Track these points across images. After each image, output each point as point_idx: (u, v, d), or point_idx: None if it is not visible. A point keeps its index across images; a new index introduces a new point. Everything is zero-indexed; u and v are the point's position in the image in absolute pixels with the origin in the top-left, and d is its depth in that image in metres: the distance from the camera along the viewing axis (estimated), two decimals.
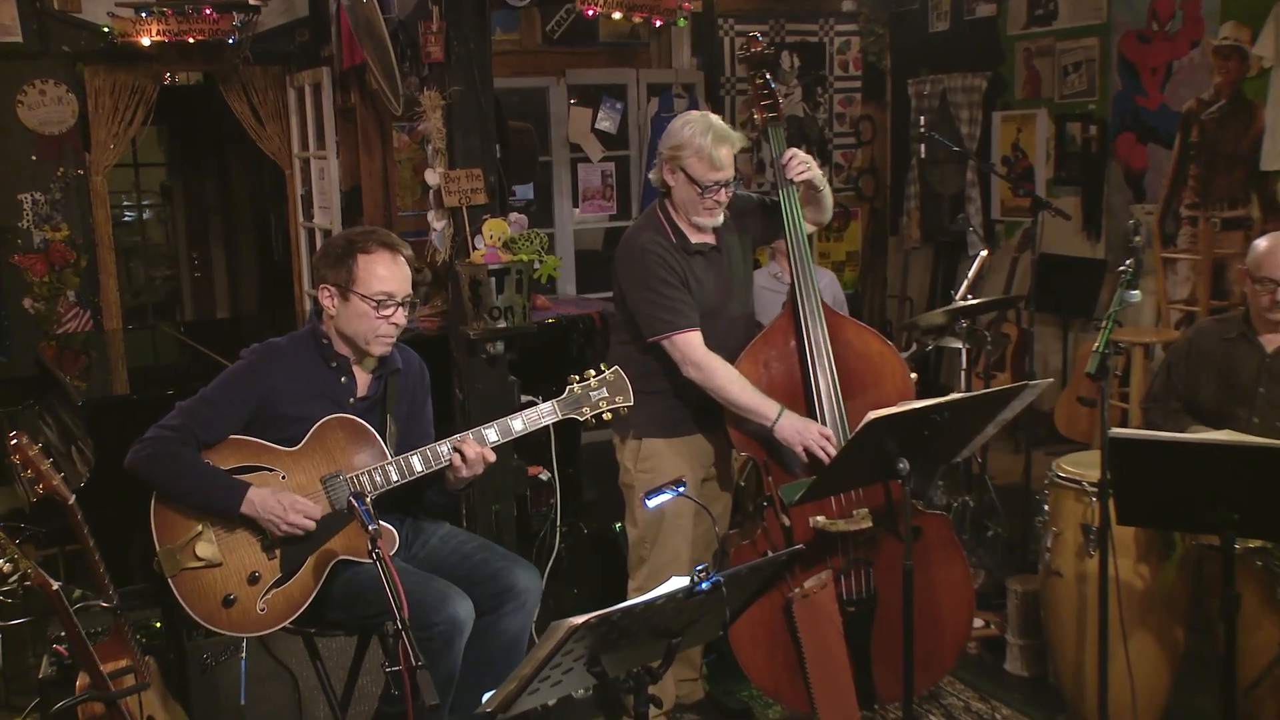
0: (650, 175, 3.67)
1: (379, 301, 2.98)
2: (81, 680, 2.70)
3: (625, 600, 3.52)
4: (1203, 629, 3.72)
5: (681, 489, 2.55)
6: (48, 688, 3.31)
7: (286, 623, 2.89)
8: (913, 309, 8.20)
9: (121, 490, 3.72)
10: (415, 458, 2.94)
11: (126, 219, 9.83)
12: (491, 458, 2.99)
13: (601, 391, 3.07)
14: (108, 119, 6.02)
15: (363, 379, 3.13)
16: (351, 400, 3.08)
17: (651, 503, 2.58)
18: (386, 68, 4.95)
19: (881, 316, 8.44)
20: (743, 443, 3.46)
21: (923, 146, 5.53)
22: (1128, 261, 3.53)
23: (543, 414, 3.02)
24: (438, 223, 4.51)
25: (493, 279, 4.24)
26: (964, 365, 5.17)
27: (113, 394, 4.23)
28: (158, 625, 3.50)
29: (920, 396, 4.98)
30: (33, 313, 6.06)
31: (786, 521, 3.37)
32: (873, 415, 2.84)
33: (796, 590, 3.35)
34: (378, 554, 2.36)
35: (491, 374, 4.48)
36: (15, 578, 2.60)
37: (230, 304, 9.51)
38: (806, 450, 3.31)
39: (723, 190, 3.47)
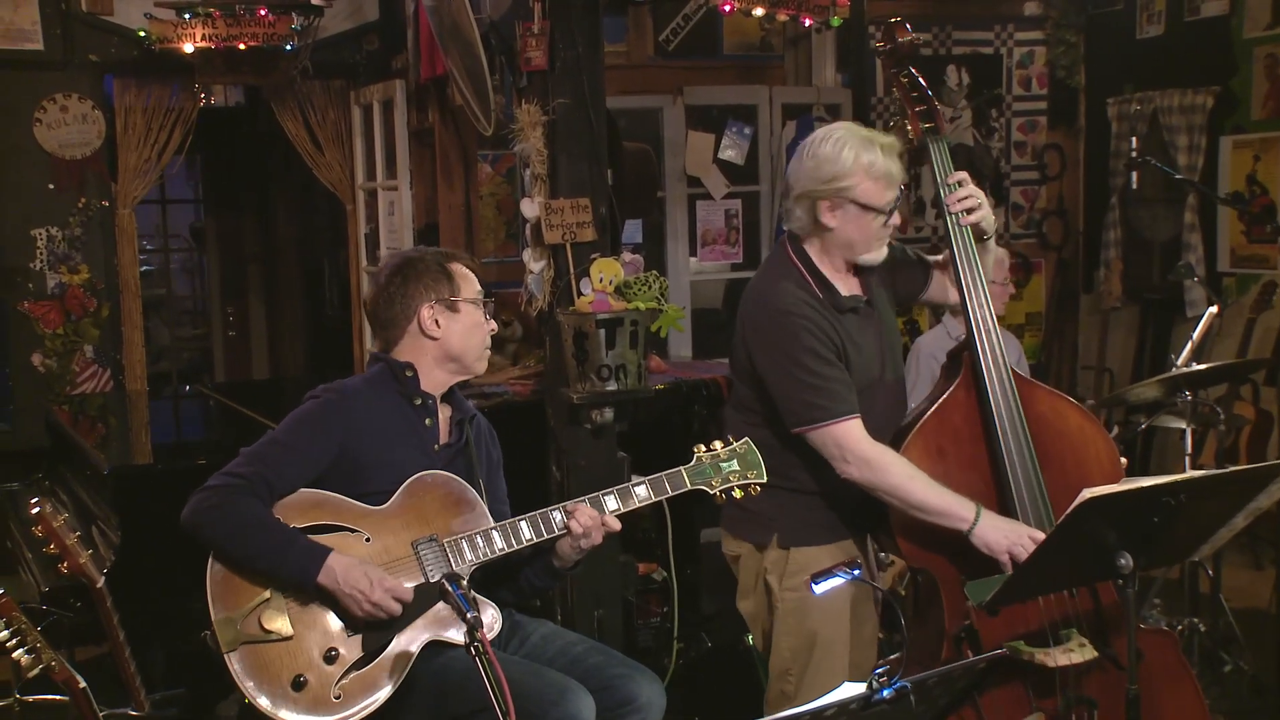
0: (791, 225, 3.57)
1: (485, 304, 3.26)
2: None
3: None
4: None
5: (857, 571, 2.52)
6: None
7: (367, 712, 2.91)
8: (1114, 383, 8.06)
9: (149, 580, 3.86)
10: (524, 523, 3.02)
11: (147, 267, 10.17)
12: (615, 526, 3.07)
13: (732, 464, 3.13)
14: (138, 142, 6.25)
15: (444, 424, 3.25)
16: (436, 447, 3.19)
17: (820, 587, 2.56)
18: (476, 79, 5.08)
19: (1072, 393, 8.31)
20: (916, 554, 3.37)
21: (1135, 175, 5.46)
22: None
23: (671, 481, 3.08)
24: (535, 264, 4.58)
25: (601, 331, 4.29)
26: (1188, 450, 5.07)
27: (146, 463, 4.33)
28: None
29: None
30: (43, 371, 6.25)
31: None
32: (1089, 494, 2.77)
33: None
34: (478, 647, 2.37)
35: (597, 447, 4.51)
36: (36, 670, 2.67)
37: (271, 368, 9.73)
38: (1013, 559, 3.25)
39: (896, 211, 3.43)
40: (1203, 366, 4.90)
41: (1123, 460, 4.80)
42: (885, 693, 2.05)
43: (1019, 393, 3.44)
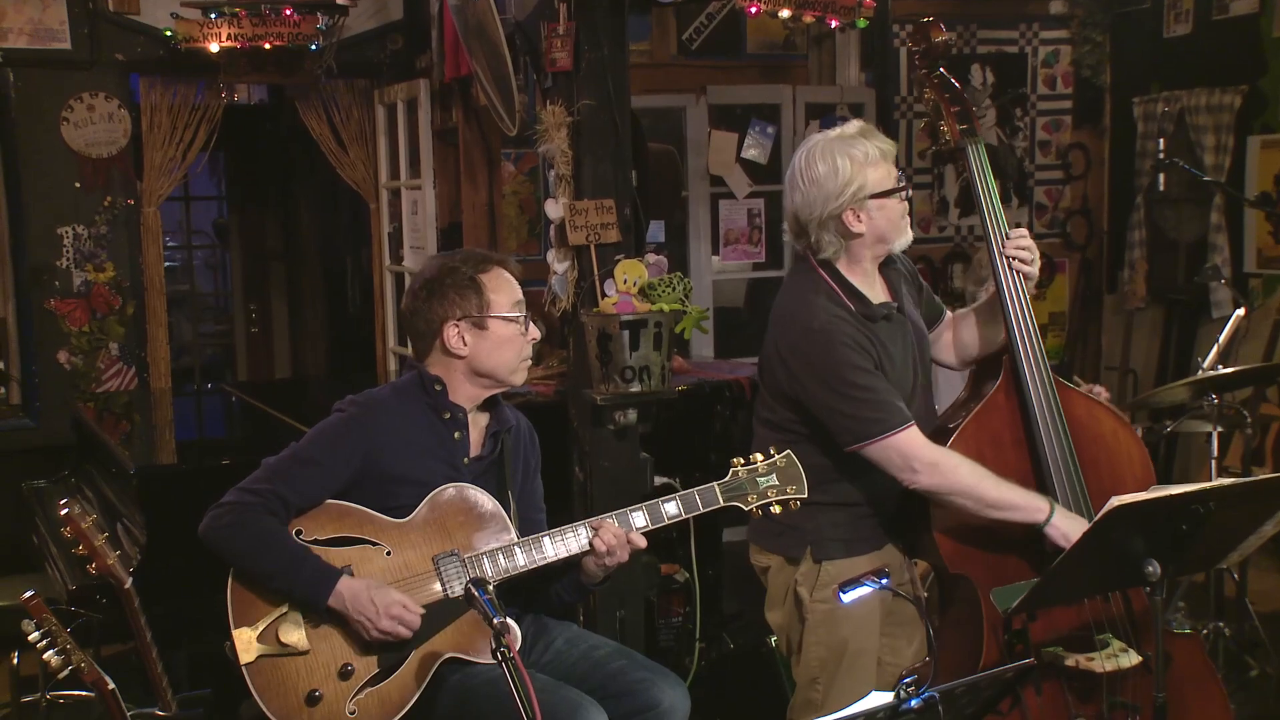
0: (826, 254, 3.49)
1: (519, 318, 3.18)
2: None
3: None
4: None
5: (885, 581, 2.51)
6: None
7: None
8: (1137, 384, 8.03)
9: (175, 578, 3.87)
10: (547, 540, 3.00)
11: (170, 263, 10.20)
12: (642, 543, 3.03)
13: (771, 478, 3.08)
14: (164, 141, 6.28)
15: (476, 437, 3.21)
16: (465, 460, 3.16)
17: (848, 596, 2.55)
18: (500, 79, 5.08)
19: None
20: (958, 560, 3.36)
21: (1161, 177, 5.44)
22: None
23: (703, 498, 3.04)
24: (559, 264, 4.58)
25: (625, 333, 4.28)
26: (1214, 454, 5.04)
27: (171, 463, 4.35)
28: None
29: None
30: (69, 368, 6.28)
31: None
32: (1117, 501, 2.77)
33: None
34: (504, 652, 2.37)
35: (620, 449, 4.51)
36: (66, 672, 2.69)
37: (292, 367, 9.75)
38: None
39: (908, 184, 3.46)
40: (1229, 370, 4.86)
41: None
42: (913, 702, 2.05)
43: (1059, 396, 3.44)
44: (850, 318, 3.38)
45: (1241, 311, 5.38)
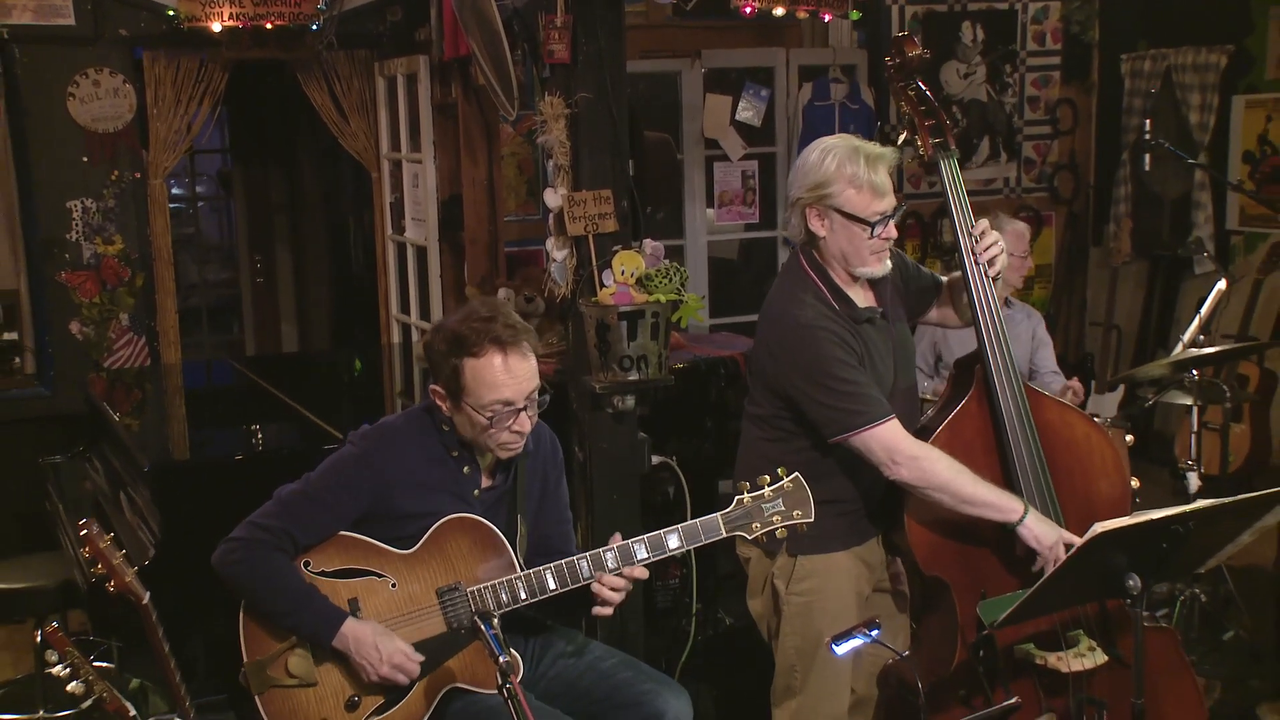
0: (789, 233, 3.58)
1: (492, 417, 3.01)
2: None
3: (773, 715, 3.59)
4: None
5: (876, 632, 2.55)
6: None
7: None
8: (1121, 340, 8.05)
9: (189, 570, 3.88)
10: (549, 575, 2.99)
11: (175, 205, 10.14)
12: (643, 574, 3.03)
13: (777, 504, 3.07)
14: (168, 112, 6.23)
15: (488, 467, 3.20)
16: (476, 493, 3.15)
17: (841, 649, 2.59)
18: (498, 62, 5.03)
19: (1080, 348, 8.31)
20: (932, 556, 3.41)
21: (1147, 157, 5.41)
22: None
23: (704, 529, 3.04)
24: (558, 252, 4.57)
25: (623, 323, 4.29)
26: (1194, 427, 5.08)
27: (185, 459, 4.36)
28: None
29: (1138, 454, 4.96)
30: (80, 339, 6.29)
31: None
32: (1100, 528, 2.80)
33: None
34: (509, 690, 2.41)
35: (618, 431, 4.53)
36: (89, 702, 2.72)
37: (297, 318, 9.74)
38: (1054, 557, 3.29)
39: (890, 224, 3.40)
40: (1209, 350, 4.90)
41: (1129, 438, 4.89)
42: None
43: (1029, 404, 3.46)
44: (836, 317, 3.42)
45: (1223, 284, 5.38)
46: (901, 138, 3.71)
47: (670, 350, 4.97)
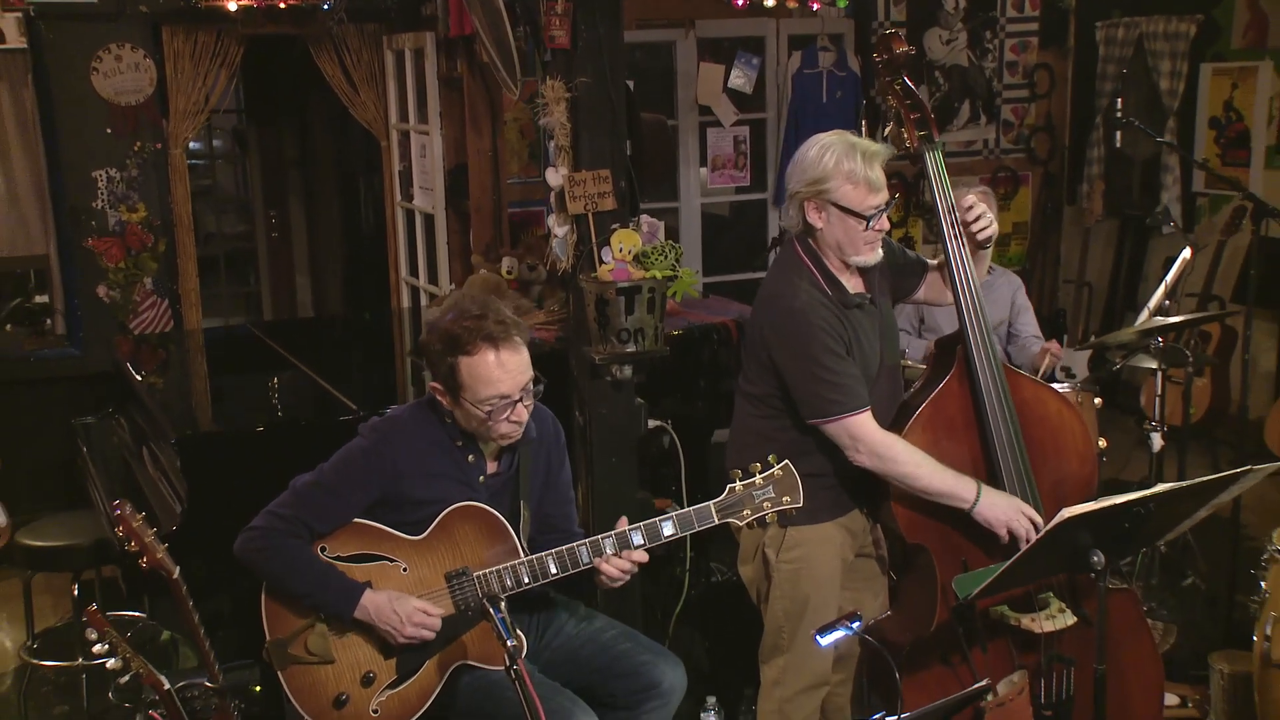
0: (782, 221, 3.64)
1: (490, 411, 3.03)
2: None
3: (761, 670, 3.67)
4: None
5: (857, 625, 2.61)
6: None
7: None
8: (1092, 296, 8.08)
9: (216, 533, 3.93)
10: (551, 560, 3.03)
11: (192, 163, 10.11)
12: (643, 558, 3.08)
13: (768, 490, 3.09)
14: (187, 85, 6.21)
15: (492, 454, 3.23)
16: (481, 479, 3.18)
17: (824, 640, 2.65)
18: (501, 42, 5.01)
19: (1053, 304, 8.34)
20: (914, 526, 3.47)
21: (1119, 135, 5.40)
22: None
23: (698, 517, 3.08)
24: (559, 229, 4.58)
25: (621, 298, 4.30)
26: (1158, 390, 5.11)
27: (209, 430, 4.40)
28: (257, 689, 3.69)
29: (1107, 403, 5.00)
30: (107, 302, 6.32)
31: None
32: (1067, 513, 2.85)
33: (990, 697, 3.38)
34: (516, 672, 2.47)
35: (617, 398, 4.56)
36: (127, 678, 2.78)
37: (311, 271, 9.75)
38: (1010, 532, 3.35)
39: (884, 216, 3.43)
40: (1173, 320, 4.93)
41: (1098, 401, 4.94)
42: None
43: (1007, 383, 3.50)
44: (828, 302, 3.46)
45: (1188, 253, 5.40)
46: (888, 129, 3.72)
47: (668, 316, 5.02)
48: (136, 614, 5.04)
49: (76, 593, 4.68)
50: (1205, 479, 3.04)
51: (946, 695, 3.47)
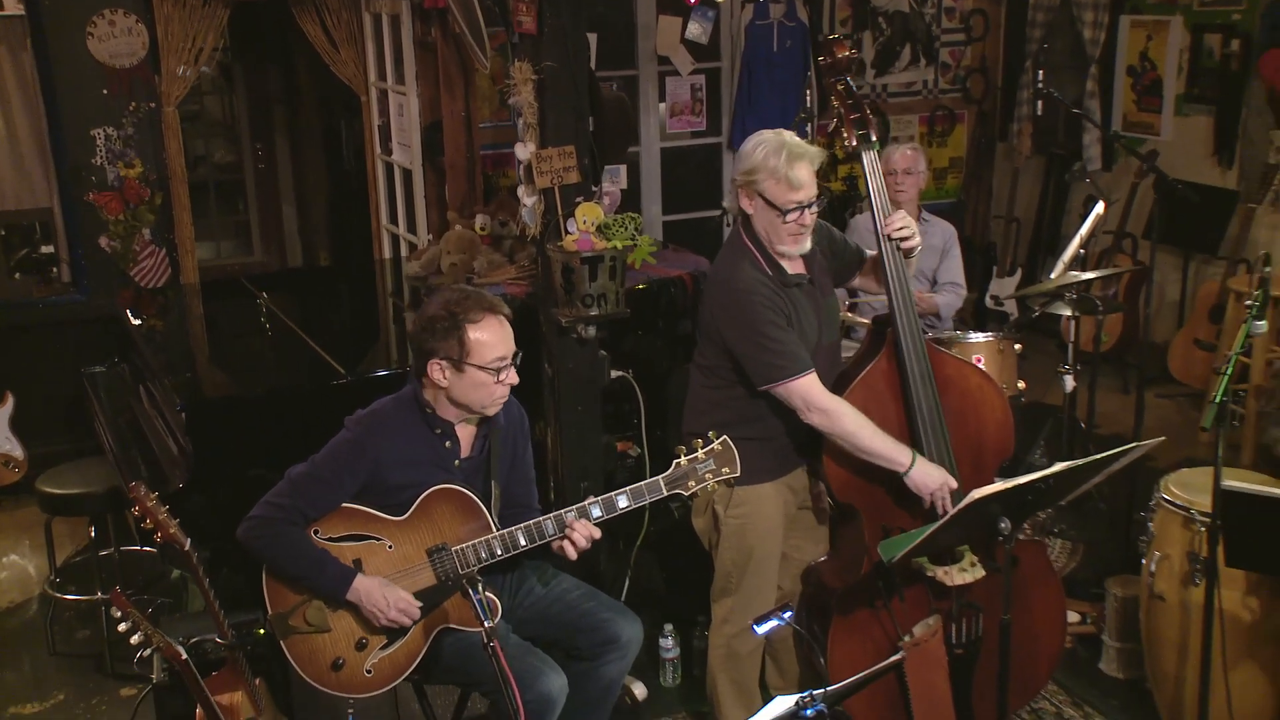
0: (725, 202, 3.75)
1: (497, 370, 3.18)
2: None
3: (712, 609, 3.85)
4: None
5: (788, 615, 2.77)
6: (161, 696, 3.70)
7: (393, 685, 3.21)
8: (1020, 230, 8.21)
9: (222, 489, 4.05)
10: (520, 533, 3.17)
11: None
12: (597, 534, 3.20)
13: (709, 464, 3.23)
14: (178, 47, 6.17)
15: (466, 439, 3.34)
16: (457, 463, 3.30)
17: (761, 629, 2.81)
18: (470, 21, 5.04)
19: (985, 236, 8.46)
20: (844, 488, 3.64)
21: (1040, 104, 5.49)
22: (1255, 292, 3.62)
23: (649, 490, 3.22)
24: (528, 199, 4.65)
25: (585, 267, 4.40)
26: (1071, 336, 5.26)
27: (215, 396, 4.48)
28: (261, 632, 3.84)
29: (1030, 329, 5.10)
30: (109, 251, 6.35)
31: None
32: (977, 494, 3.02)
33: (907, 639, 3.60)
34: (492, 649, 2.63)
35: (582, 353, 4.68)
36: (148, 651, 2.92)
37: (297, 204, 9.72)
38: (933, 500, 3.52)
39: (805, 213, 3.51)
40: (1087, 275, 5.06)
41: (1018, 346, 5.08)
42: (809, 711, 2.31)
43: (930, 360, 3.65)
44: (768, 281, 3.58)
45: (1100, 208, 5.52)
46: (831, 126, 3.80)
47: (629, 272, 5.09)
48: (149, 548, 5.17)
49: (94, 534, 4.81)
50: (1095, 457, 3.22)
51: (871, 634, 3.71)
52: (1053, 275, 5.35)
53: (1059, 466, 3.15)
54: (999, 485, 3.07)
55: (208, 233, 9.42)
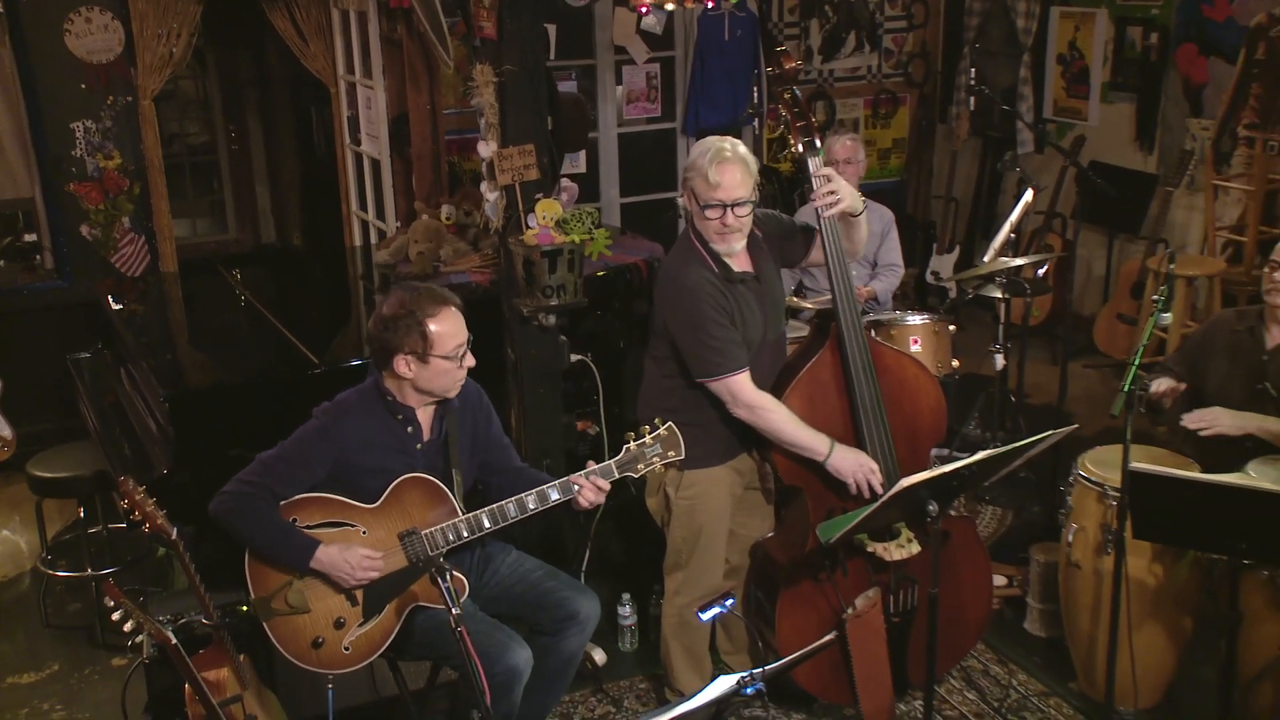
0: (679, 199, 3.85)
1: (458, 357, 3.30)
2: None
3: (665, 581, 3.98)
4: (1212, 615, 4.06)
5: (731, 602, 2.89)
6: (151, 669, 3.79)
7: (370, 660, 3.32)
8: (958, 209, 8.34)
9: (204, 474, 4.10)
10: (485, 516, 3.27)
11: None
12: (606, 486, 3.34)
13: (656, 448, 3.34)
14: (153, 43, 6.15)
15: (425, 422, 3.43)
16: (419, 446, 3.39)
17: (705, 616, 2.93)
18: (434, 22, 5.07)
19: (926, 214, 8.59)
20: (789, 472, 3.77)
21: (973, 100, 5.59)
22: (1161, 288, 3.76)
23: (601, 475, 3.34)
24: (490, 194, 4.72)
25: (545, 260, 4.48)
26: (1002, 319, 5.41)
27: (197, 387, 4.53)
28: (244, 610, 3.92)
29: (968, 303, 5.23)
30: (90, 239, 6.35)
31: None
32: (906, 483, 3.16)
33: (849, 610, 3.74)
34: (460, 634, 2.74)
35: (543, 339, 4.76)
36: (140, 637, 3.01)
37: (270, 184, 9.69)
38: (857, 482, 3.65)
39: (728, 212, 3.58)
40: (1018, 261, 5.19)
41: (952, 328, 5.21)
42: (748, 691, 2.44)
43: (870, 352, 3.77)
44: (714, 279, 3.68)
45: (1029, 196, 5.65)
46: (779, 132, 3.90)
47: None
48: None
49: (82, 514, 4.87)
50: (1016, 444, 3.36)
51: (816, 605, 3.85)
52: (985, 259, 5.50)
53: (982, 455, 3.28)
54: (927, 474, 3.20)
55: (183, 211, 9.38)
